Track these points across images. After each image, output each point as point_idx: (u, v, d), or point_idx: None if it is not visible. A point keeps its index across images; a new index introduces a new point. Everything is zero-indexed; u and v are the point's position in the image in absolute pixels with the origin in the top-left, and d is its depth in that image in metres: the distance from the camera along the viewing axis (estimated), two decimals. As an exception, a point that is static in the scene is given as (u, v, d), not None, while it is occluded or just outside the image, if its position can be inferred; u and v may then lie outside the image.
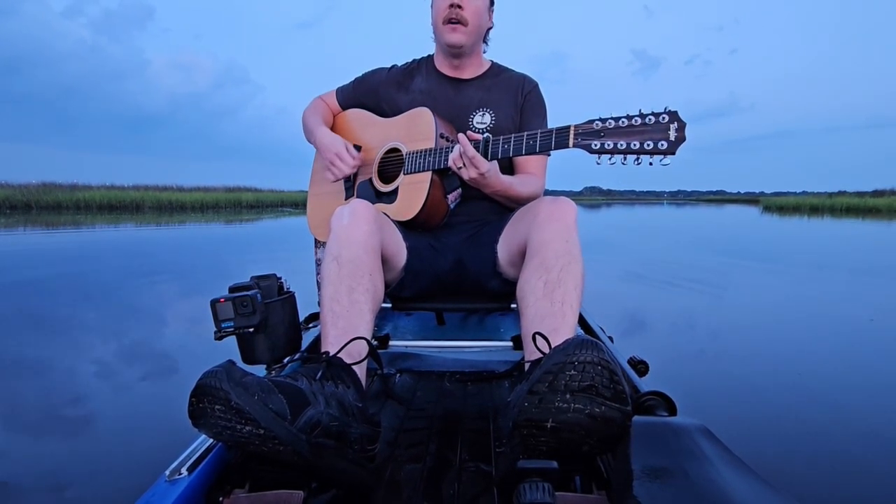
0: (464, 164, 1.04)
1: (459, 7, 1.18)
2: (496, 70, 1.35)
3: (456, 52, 1.26)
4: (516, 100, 1.30)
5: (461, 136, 1.03)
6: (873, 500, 1.21)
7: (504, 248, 1.12)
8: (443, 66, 1.32)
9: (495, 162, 1.08)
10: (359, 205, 1.00)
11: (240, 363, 0.85)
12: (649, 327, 2.88)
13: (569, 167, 1.32)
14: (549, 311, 0.85)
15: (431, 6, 1.26)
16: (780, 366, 2.18)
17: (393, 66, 1.37)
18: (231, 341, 0.97)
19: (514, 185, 1.16)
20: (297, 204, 23.14)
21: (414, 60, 1.37)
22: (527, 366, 0.80)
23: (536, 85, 1.33)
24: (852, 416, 1.67)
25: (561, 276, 0.88)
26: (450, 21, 1.20)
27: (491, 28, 1.32)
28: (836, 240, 9.21)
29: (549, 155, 1.29)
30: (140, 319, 3.06)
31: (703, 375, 2.09)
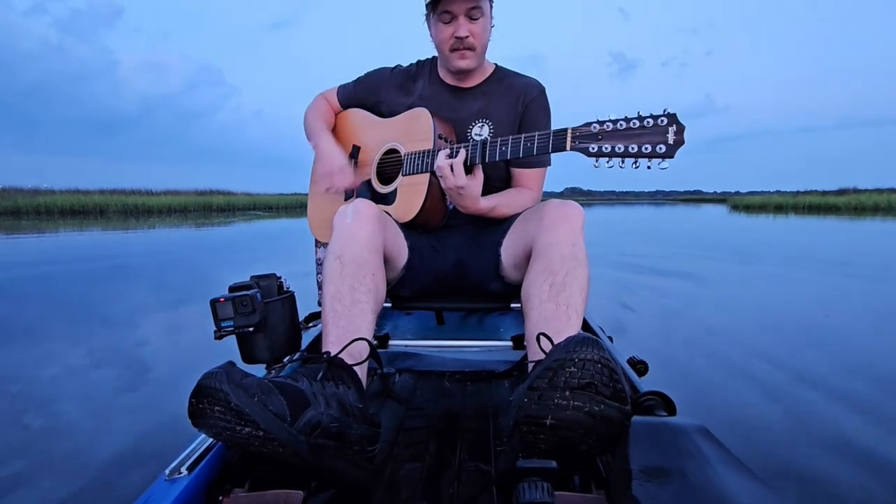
0: (443, 174, 1.04)
1: (466, 37, 1.13)
2: (499, 75, 1.28)
3: (464, 73, 1.23)
4: (516, 110, 1.24)
5: (460, 148, 1.04)
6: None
7: (508, 250, 1.11)
8: (445, 76, 1.28)
9: (479, 184, 1.07)
10: (362, 204, 0.99)
11: (239, 363, 0.84)
12: (649, 328, 2.88)
13: (551, 167, 1.31)
14: (554, 314, 0.85)
15: (429, 26, 1.19)
16: (779, 365, 2.19)
17: (396, 66, 1.33)
18: (230, 340, 0.96)
19: (499, 207, 1.15)
20: (270, 207, 22.69)
21: (418, 62, 1.33)
22: (530, 366, 0.81)
23: (542, 92, 1.26)
24: (852, 415, 1.68)
25: (567, 280, 0.87)
26: (456, 49, 1.16)
27: (492, 27, 1.23)
28: (792, 234, 9.51)
29: (548, 165, 1.27)
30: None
31: (704, 374, 2.10)
